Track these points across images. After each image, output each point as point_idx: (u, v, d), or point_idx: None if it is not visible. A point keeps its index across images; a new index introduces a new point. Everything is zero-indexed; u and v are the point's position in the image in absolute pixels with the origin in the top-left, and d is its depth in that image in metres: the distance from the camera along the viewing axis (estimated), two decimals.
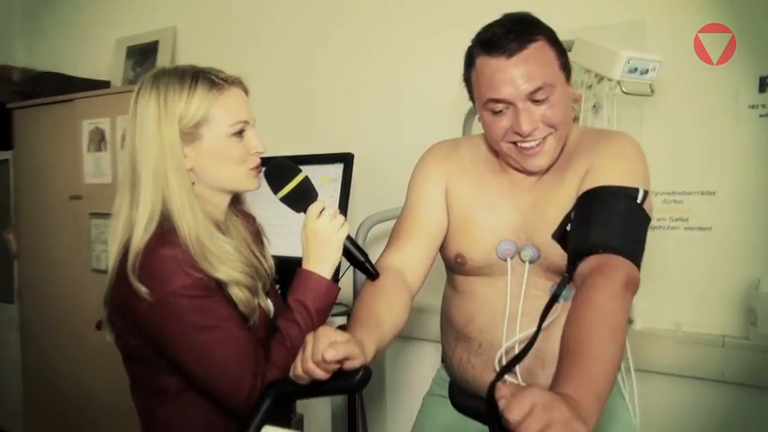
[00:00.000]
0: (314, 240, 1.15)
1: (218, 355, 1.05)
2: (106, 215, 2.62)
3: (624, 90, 1.35)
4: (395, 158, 2.17)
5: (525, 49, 1.11)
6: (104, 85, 2.94)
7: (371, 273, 1.17)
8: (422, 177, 1.29)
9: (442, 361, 1.40)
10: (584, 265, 1.00)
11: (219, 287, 1.09)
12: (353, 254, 1.17)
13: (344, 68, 2.37)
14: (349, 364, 0.91)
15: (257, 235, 1.30)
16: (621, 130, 1.21)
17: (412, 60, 2.22)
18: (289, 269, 1.22)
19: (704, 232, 1.77)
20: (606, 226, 1.01)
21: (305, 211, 1.16)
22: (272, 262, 1.27)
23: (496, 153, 1.25)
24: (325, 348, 0.88)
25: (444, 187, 1.27)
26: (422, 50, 2.19)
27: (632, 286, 0.97)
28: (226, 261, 1.10)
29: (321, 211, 1.15)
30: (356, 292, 1.74)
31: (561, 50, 1.16)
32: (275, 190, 1.16)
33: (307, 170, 1.77)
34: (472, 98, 1.22)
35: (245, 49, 2.59)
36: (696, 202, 1.78)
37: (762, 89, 1.70)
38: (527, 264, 1.17)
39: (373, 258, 1.21)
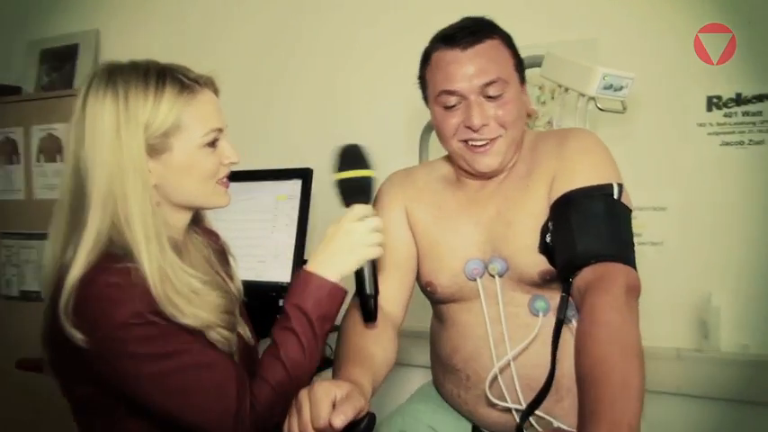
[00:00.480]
0: (338, 240, 0.99)
1: (189, 383, 0.91)
2: (18, 235, 2.38)
3: (599, 107, 1.35)
4: None
5: (480, 44, 1.10)
6: (15, 91, 2.68)
7: (370, 313, 1.01)
8: (382, 207, 1.24)
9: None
10: (580, 280, 0.96)
11: None
12: (365, 283, 1.00)
13: (299, 78, 2.26)
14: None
15: (222, 254, 1.17)
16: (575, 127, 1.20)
17: (372, 73, 2.15)
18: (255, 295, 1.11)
19: (656, 247, 1.81)
20: (591, 233, 0.98)
21: (348, 206, 1.03)
22: (239, 283, 1.14)
23: (451, 166, 1.22)
24: (330, 412, 0.79)
25: (405, 214, 1.23)
26: (382, 63, 2.13)
27: (635, 292, 0.93)
28: (194, 301, 0.95)
29: (364, 218, 1.01)
30: None
31: (516, 54, 1.15)
32: (337, 168, 1.04)
33: (260, 186, 1.72)
34: (426, 98, 1.20)
35: (182, 55, 2.41)
36: (648, 218, 1.81)
37: (709, 108, 1.76)
38: (497, 278, 1.12)
39: (344, 281, 1.07)
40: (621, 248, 0.97)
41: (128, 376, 0.90)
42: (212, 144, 1.01)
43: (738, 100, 1.73)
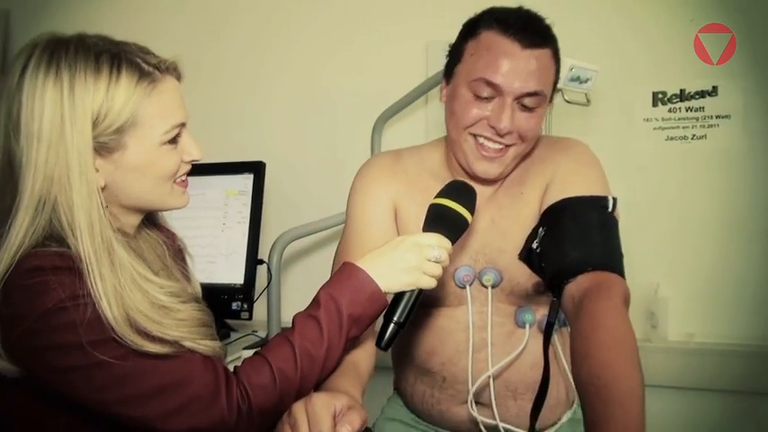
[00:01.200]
0: (400, 252, 0.89)
1: (149, 379, 0.77)
2: None
3: (566, 99, 1.33)
4: (311, 167, 2.04)
5: (540, 48, 1.01)
6: None
7: (387, 341, 0.89)
8: (365, 196, 1.14)
9: (395, 389, 1.27)
10: (574, 286, 0.93)
11: None
12: (399, 308, 0.89)
13: (248, 65, 2.13)
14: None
15: (179, 253, 1.04)
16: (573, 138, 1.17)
17: (326, 64, 2.06)
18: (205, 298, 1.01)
19: None
20: (588, 241, 0.95)
21: (428, 230, 0.94)
22: (198, 285, 1.02)
23: (443, 161, 1.15)
24: (331, 427, 0.73)
25: (393, 207, 1.13)
26: (335, 54, 2.05)
27: (628, 304, 0.91)
28: (161, 320, 0.81)
29: (436, 247, 0.90)
30: (270, 317, 1.54)
31: (558, 71, 1.08)
32: (442, 194, 0.95)
33: (211, 181, 1.59)
34: (450, 71, 1.08)
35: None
36: None
37: (655, 104, 1.80)
38: (489, 289, 1.08)
39: (318, 280, 0.99)
40: (615, 261, 0.95)
41: (62, 373, 0.76)
42: (173, 141, 0.87)
43: (682, 96, 1.78)
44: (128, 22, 2.23)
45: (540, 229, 1.03)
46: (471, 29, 1.06)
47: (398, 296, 0.90)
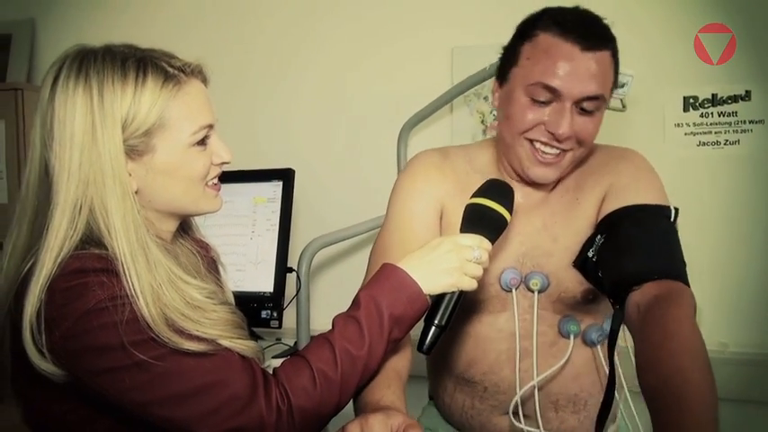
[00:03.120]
0: (440, 253, 0.88)
1: (187, 379, 0.78)
2: None
3: None
4: (336, 175, 2.03)
5: (600, 51, 0.98)
6: None
7: (429, 345, 0.88)
8: (411, 193, 1.10)
9: (430, 398, 1.25)
10: (640, 294, 0.89)
11: None
12: (440, 311, 0.88)
13: (274, 72, 2.13)
14: None
15: (213, 263, 1.05)
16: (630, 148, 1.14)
17: (351, 71, 2.05)
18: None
19: None
20: (652, 249, 0.93)
21: (466, 231, 0.92)
22: (231, 296, 1.02)
23: (492, 161, 1.13)
24: None
25: (439, 207, 1.10)
26: (361, 62, 2.04)
27: (695, 313, 0.88)
28: (197, 318, 0.82)
29: (477, 248, 0.90)
30: (299, 325, 1.53)
31: (617, 73, 1.04)
32: (480, 193, 0.94)
33: (240, 189, 1.59)
34: (506, 73, 1.05)
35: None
36: None
37: (686, 109, 1.77)
38: (536, 294, 1.06)
39: (347, 288, 1.01)
40: (683, 269, 0.93)
41: (101, 371, 0.77)
42: (202, 142, 0.88)
43: (714, 100, 1.75)
44: (151, 29, 2.24)
45: (598, 237, 1.00)
46: (527, 30, 1.02)
47: (439, 298, 0.88)
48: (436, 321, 0.87)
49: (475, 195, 0.94)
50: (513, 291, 1.06)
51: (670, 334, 0.81)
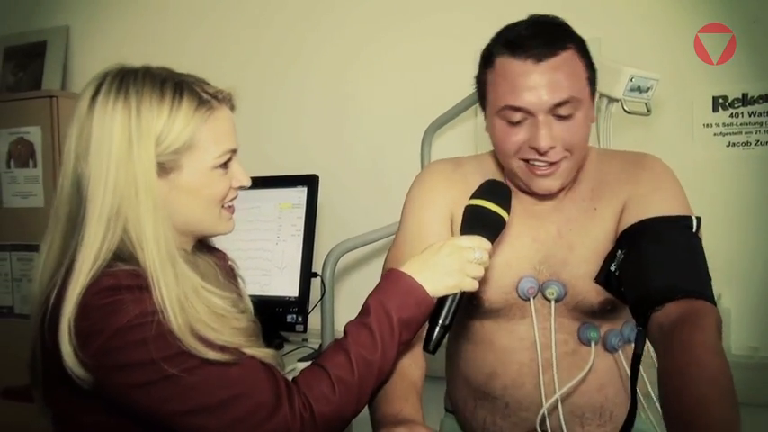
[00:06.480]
0: (442, 256, 0.92)
1: (214, 389, 0.81)
2: None
3: (626, 109, 1.30)
4: (360, 179, 2.05)
5: (555, 56, 0.97)
6: None
7: (434, 343, 0.92)
8: (422, 202, 1.12)
9: (449, 411, 1.25)
10: (663, 315, 0.88)
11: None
12: (443, 311, 0.92)
13: (296, 78, 2.16)
14: None
15: (230, 273, 1.08)
16: (646, 152, 1.13)
17: (375, 74, 2.07)
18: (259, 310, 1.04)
19: None
20: (675, 265, 0.91)
21: (466, 233, 0.96)
22: (250, 305, 1.05)
23: (504, 172, 1.13)
24: None
25: (450, 216, 1.11)
26: (384, 65, 2.05)
27: (721, 333, 0.86)
28: (219, 327, 0.86)
29: (477, 249, 0.93)
30: (324, 329, 1.56)
31: (590, 64, 1.04)
32: (477, 195, 0.97)
33: (266, 194, 1.62)
34: (483, 103, 1.08)
35: (162, 56, 2.30)
36: None
37: (715, 109, 1.74)
38: (553, 303, 1.05)
39: (356, 293, 1.02)
40: (705, 286, 0.91)
41: (136, 387, 0.80)
42: (224, 166, 0.93)
43: (744, 100, 1.71)
44: (180, 39, 2.30)
45: (619, 251, 0.99)
46: (486, 58, 1.05)
47: (442, 300, 0.92)
48: (441, 322, 0.91)
49: (473, 197, 0.96)
50: (531, 300, 1.06)
51: (691, 362, 0.79)
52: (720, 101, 1.73)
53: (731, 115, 1.72)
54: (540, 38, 0.98)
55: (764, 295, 1.70)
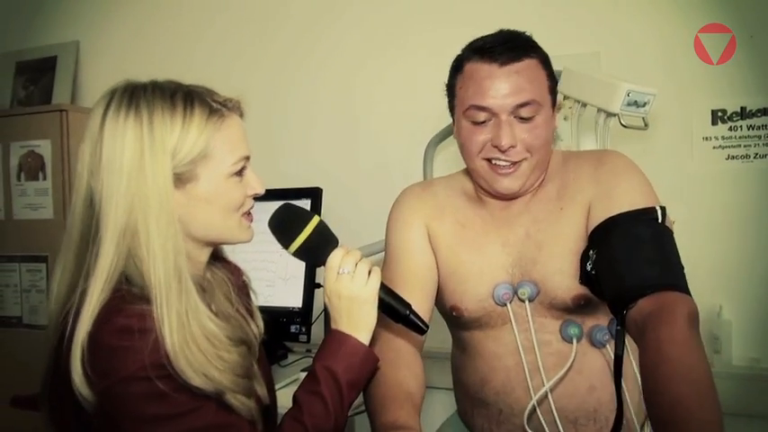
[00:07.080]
0: (339, 303, 0.96)
1: None
2: None
3: (623, 123, 1.32)
4: (364, 191, 2.07)
5: (519, 62, 1.06)
6: None
7: (419, 327, 0.98)
8: (400, 224, 1.19)
9: (458, 413, 1.27)
10: (636, 312, 0.90)
11: None
12: (394, 307, 0.97)
13: (302, 90, 2.19)
14: None
15: (243, 288, 1.09)
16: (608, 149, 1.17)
17: (378, 87, 2.10)
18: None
19: None
20: (642, 261, 0.93)
21: (323, 265, 0.98)
22: (261, 321, 1.06)
23: (472, 182, 1.18)
24: None
25: (425, 231, 1.18)
26: (388, 78, 2.09)
27: (696, 320, 0.88)
28: (209, 354, 0.85)
29: (341, 267, 0.96)
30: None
31: (552, 76, 1.11)
32: (285, 244, 0.98)
33: (271, 207, 1.59)
34: (452, 108, 1.15)
35: (171, 70, 2.34)
36: None
37: (714, 122, 1.76)
38: (527, 303, 1.08)
39: None
40: (675, 276, 0.92)
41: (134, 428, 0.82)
42: (239, 173, 0.93)
43: (743, 113, 1.73)
44: (187, 54, 2.34)
45: (591, 251, 1.02)
46: (456, 65, 1.13)
47: (383, 305, 0.97)
48: (402, 313, 0.97)
49: (288, 246, 0.99)
50: (508, 305, 1.09)
51: (662, 360, 0.81)
52: (719, 114, 1.75)
53: (730, 128, 1.74)
54: (507, 44, 1.07)
55: (765, 307, 1.71)
